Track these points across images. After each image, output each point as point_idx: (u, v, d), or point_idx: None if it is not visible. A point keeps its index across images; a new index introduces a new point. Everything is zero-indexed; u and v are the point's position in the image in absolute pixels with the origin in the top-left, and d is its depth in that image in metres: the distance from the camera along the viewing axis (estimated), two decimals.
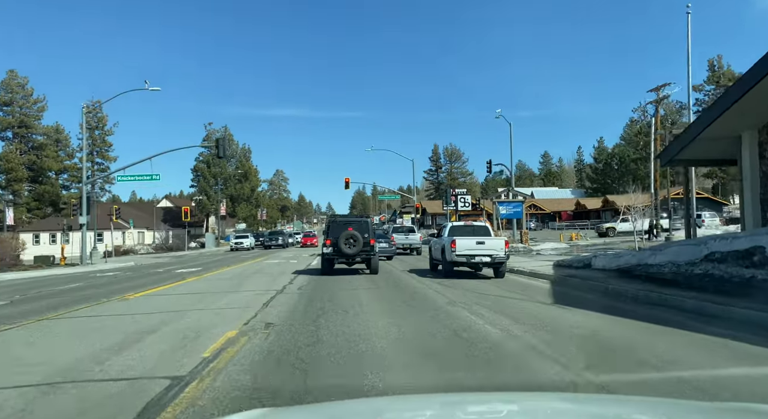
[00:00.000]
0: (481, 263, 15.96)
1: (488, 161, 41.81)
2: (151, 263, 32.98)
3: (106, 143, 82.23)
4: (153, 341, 6.66)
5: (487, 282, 15.01)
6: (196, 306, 10.03)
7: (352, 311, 9.04)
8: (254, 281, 15.66)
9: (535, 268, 18.31)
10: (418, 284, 14.40)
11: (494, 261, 15.76)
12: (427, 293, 11.67)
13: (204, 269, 22.96)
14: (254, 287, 13.73)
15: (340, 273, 17.73)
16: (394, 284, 14.44)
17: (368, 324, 7.65)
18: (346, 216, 19.18)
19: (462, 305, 9.62)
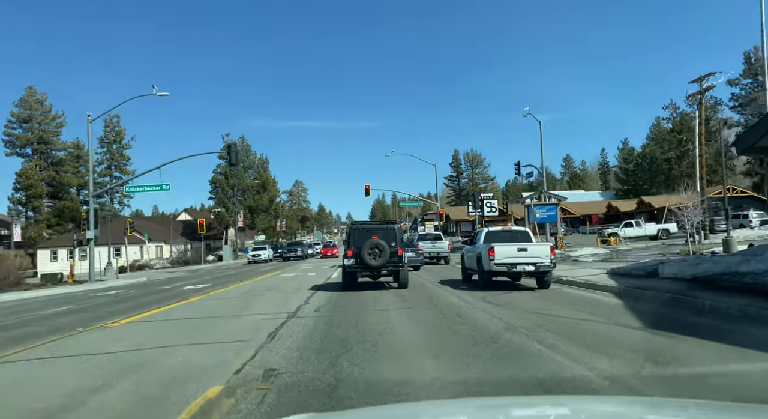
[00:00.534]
0: (524, 273, 14.05)
1: (516, 162, 39.31)
2: (163, 278, 31.27)
3: (124, 157, 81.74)
4: (93, 408, 4.50)
5: (535, 295, 12.67)
6: (184, 339, 7.89)
7: (384, 345, 6.81)
8: (264, 300, 13.52)
9: (587, 277, 15.86)
10: (458, 300, 12.08)
11: (538, 270, 13.86)
12: (475, 315, 9.35)
13: (213, 285, 20.96)
14: (263, 309, 11.57)
15: (363, 288, 15.51)
16: (430, 300, 12.15)
17: (410, 370, 5.41)
18: (369, 223, 16.93)
19: (526, 333, 7.32)
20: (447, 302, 11.78)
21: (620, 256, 28.20)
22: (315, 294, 14.40)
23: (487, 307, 10.44)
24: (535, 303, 11.11)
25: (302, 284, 18.20)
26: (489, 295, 12.83)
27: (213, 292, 17.02)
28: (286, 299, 13.51)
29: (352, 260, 14.99)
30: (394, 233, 15.29)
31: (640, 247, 34.98)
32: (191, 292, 17.66)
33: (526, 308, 10.25)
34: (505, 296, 12.44)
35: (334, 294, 14.21)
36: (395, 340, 7.12)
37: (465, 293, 13.78)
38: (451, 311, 9.90)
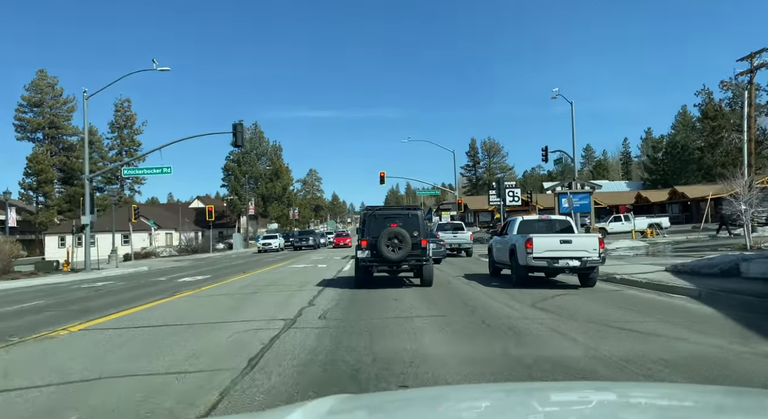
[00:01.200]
0: (567, 269, 12.12)
1: (544, 147, 36.46)
2: (165, 267, 29.29)
3: (135, 143, 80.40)
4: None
5: (590, 298, 10.30)
6: (130, 366, 5.56)
7: (419, 384, 4.40)
8: (262, 300, 11.20)
9: (647, 276, 13.34)
10: (499, 304, 9.65)
11: (584, 265, 11.92)
12: (534, 331, 6.90)
13: (213, 277, 18.77)
14: (255, 313, 9.24)
15: (379, 284, 13.15)
16: (464, 305, 9.72)
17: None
18: (387, 208, 14.35)
19: (636, 369, 4.86)
20: (486, 307, 9.33)
21: (654, 250, 25.51)
22: (323, 292, 12.05)
23: (543, 317, 7.99)
24: (601, 311, 8.65)
25: (310, 279, 15.89)
26: (533, 297, 10.43)
27: (208, 287, 14.79)
28: (287, 298, 11.18)
29: (366, 252, 12.61)
30: (416, 221, 12.84)
31: (680, 240, 32.14)
32: (184, 286, 15.46)
33: (594, 318, 7.79)
34: (557, 301, 9.98)
35: (345, 293, 11.86)
36: (433, 376, 4.71)
37: (501, 292, 11.37)
38: (498, 324, 7.45)
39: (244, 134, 27.21)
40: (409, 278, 14.69)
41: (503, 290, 11.93)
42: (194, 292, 13.35)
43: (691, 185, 57.19)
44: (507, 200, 42.70)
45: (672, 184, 66.82)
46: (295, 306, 9.78)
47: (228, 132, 27.92)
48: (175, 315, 9.22)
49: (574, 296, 10.63)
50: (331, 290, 12.40)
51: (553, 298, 10.38)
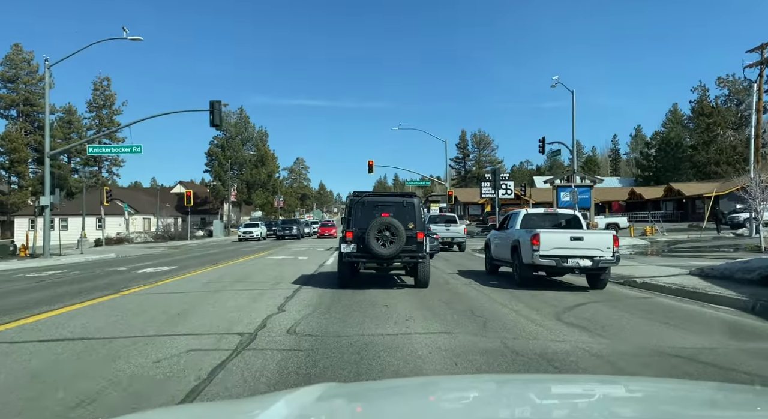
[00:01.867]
0: (577, 269, 10.97)
1: (541, 138, 34.66)
2: (133, 255, 27.09)
3: (114, 123, 77.13)
4: None
5: (616, 307, 8.65)
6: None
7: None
8: (224, 301, 9.19)
9: (671, 280, 11.69)
10: (512, 313, 7.81)
11: (597, 266, 10.80)
12: (572, 356, 5.01)
13: (179, 268, 16.69)
14: (210, 320, 7.24)
15: (366, 284, 11.23)
16: (471, 314, 7.81)
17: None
18: (378, 195, 11.98)
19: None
20: (500, 319, 7.44)
21: (654, 249, 23.95)
22: (298, 293, 10.07)
23: (581, 338, 6.11)
24: (646, 328, 6.83)
25: (286, 274, 13.90)
26: (550, 303, 8.67)
27: (167, 280, 12.73)
28: (254, 300, 9.18)
29: (352, 245, 10.64)
30: (412, 210, 10.88)
31: (681, 239, 30.65)
32: (142, 278, 13.38)
33: (647, 342, 5.96)
34: (584, 312, 8.17)
35: (325, 294, 9.90)
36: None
37: (509, 296, 9.62)
38: (526, 349, 5.53)
39: (222, 113, 24.96)
40: (400, 275, 12.80)
41: (510, 293, 10.17)
42: (147, 287, 11.29)
43: (685, 182, 56.04)
44: (500, 193, 40.98)
45: (665, 181, 65.75)
46: (261, 312, 7.80)
47: (205, 110, 25.67)
48: (102, 322, 7.17)
49: (600, 306, 8.81)
50: (308, 290, 10.43)
51: (578, 307, 8.55)
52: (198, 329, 6.60)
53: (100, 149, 24.69)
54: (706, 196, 45.39)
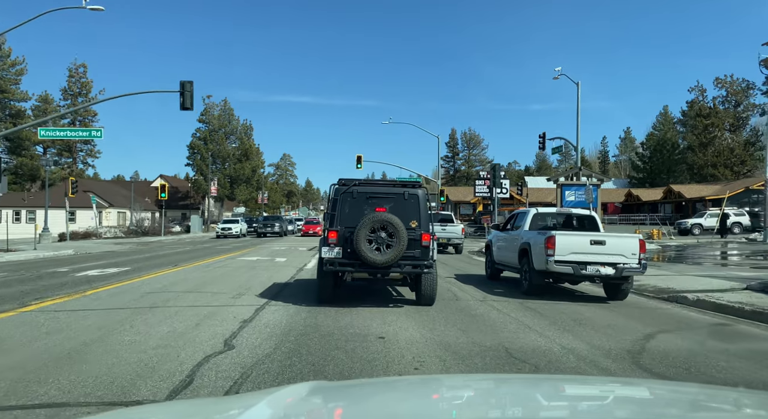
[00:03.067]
0: (597, 277, 9.67)
1: (541, 133, 32.37)
2: (95, 252, 24.31)
3: (90, 112, 73.62)
4: None
5: (703, 343, 6.15)
6: None
7: None
8: (150, 326, 6.56)
9: (728, 296, 9.42)
10: (564, 352, 5.34)
11: (620, 274, 9.52)
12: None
13: (132, 270, 14.00)
14: (104, 371, 4.63)
15: (352, 300, 8.69)
16: (507, 353, 5.30)
17: None
18: (371, 183, 9.13)
19: None
20: (552, 361, 4.96)
21: (690, 255, 21.80)
22: (263, 312, 7.48)
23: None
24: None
25: (255, 281, 11.29)
26: (607, 334, 6.28)
27: (102, 288, 10.04)
28: (197, 325, 6.56)
29: (336, 250, 8.06)
30: (416, 204, 8.33)
31: (692, 243, 28.57)
32: (73, 285, 10.68)
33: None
34: (663, 346, 5.73)
35: (298, 314, 7.34)
36: None
37: (533, 316, 7.10)
38: None
39: (192, 96, 22.21)
40: (395, 283, 10.27)
41: (536, 312, 7.77)
42: (67, 299, 8.61)
43: (684, 184, 54.26)
44: (495, 192, 38.67)
45: (659, 183, 64.03)
46: (197, 350, 5.22)
47: (175, 91, 22.95)
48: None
49: (675, 339, 6.37)
50: (277, 309, 7.83)
51: (649, 342, 6.08)
52: (76, 388, 4.00)
53: (53, 133, 21.87)
54: (708, 198, 43.61)
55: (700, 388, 2.32)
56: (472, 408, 1.67)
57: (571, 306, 8.85)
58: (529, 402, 1.74)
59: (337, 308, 7.83)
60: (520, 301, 9.21)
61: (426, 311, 7.89)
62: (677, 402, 1.79)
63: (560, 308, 8.50)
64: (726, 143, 60.81)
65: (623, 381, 3.08)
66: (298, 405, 1.61)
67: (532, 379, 2.83)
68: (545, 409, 1.68)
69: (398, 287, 10.25)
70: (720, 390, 2.35)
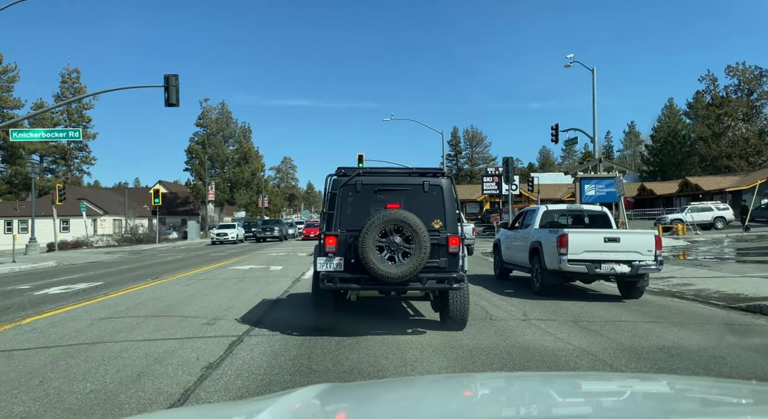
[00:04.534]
0: (613, 276, 9.33)
1: (554, 125, 30.45)
2: (79, 263, 22.60)
3: (84, 118, 72.02)
4: None
5: None
6: None
7: None
8: (68, 381, 4.60)
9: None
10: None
11: (636, 272, 9.17)
12: None
13: (104, 285, 12.09)
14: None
15: (358, 320, 6.74)
16: None
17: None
18: (380, 173, 6.73)
19: None
20: None
21: (691, 249, 19.90)
22: (238, 350, 5.52)
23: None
24: None
25: (241, 298, 9.34)
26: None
27: (42, 315, 8.10)
28: (139, 375, 4.61)
29: (336, 260, 6.11)
30: (440, 198, 6.38)
31: (721, 238, 26.54)
32: (21, 308, 8.79)
33: None
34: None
35: (286, 352, 5.41)
36: None
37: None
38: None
39: (177, 88, 20.35)
40: (413, 305, 8.37)
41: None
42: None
43: (699, 176, 52.12)
44: (504, 189, 36.77)
45: (670, 176, 61.96)
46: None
47: (160, 86, 21.10)
48: None
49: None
50: (259, 342, 5.89)
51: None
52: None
53: (27, 134, 20.02)
54: (729, 190, 41.56)
55: (715, 382, 2.50)
56: (490, 407, 1.65)
57: (577, 305, 8.19)
58: (544, 399, 1.72)
59: (339, 339, 5.90)
60: (569, 321, 7.29)
61: (458, 340, 5.95)
62: (681, 396, 1.79)
63: (562, 303, 8.01)
64: (740, 132, 58.68)
65: (642, 377, 3.04)
66: (305, 410, 1.57)
67: (548, 376, 2.81)
68: (561, 406, 1.64)
69: (414, 301, 8.35)
70: (734, 384, 2.40)
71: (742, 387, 2.05)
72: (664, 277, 12.18)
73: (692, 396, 1.81)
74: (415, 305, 8.37)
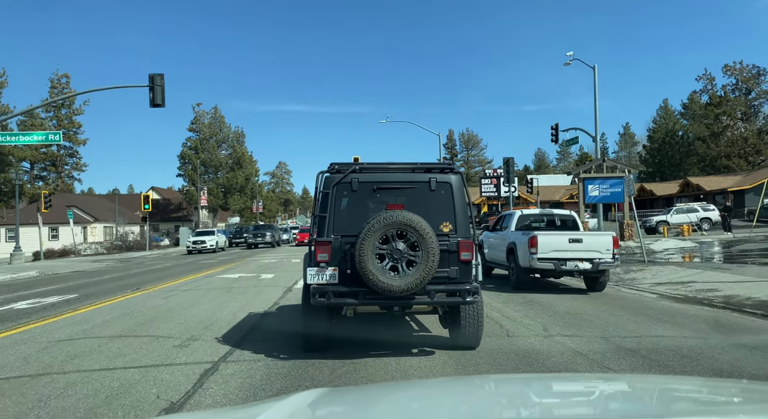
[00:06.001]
0: (576, 272, 10.53)
1: (554, 125, 29.66)
2: (62, 273, 21.65)
3: (74, 124, 70.87)
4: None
5: None
6: None
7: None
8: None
9: None
10: None
11: (596, 268, 10.32)
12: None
13: (79, 297, 11.08)
14: None
15: (356, 341, 5.79)
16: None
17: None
18: (380, 168, 5.68)
19: None
20: None
21: (750, 253, 19.03)
22: (210, 381, 4.55)
23: None
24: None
25: (221, 314, 8.35)
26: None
27: (0, 334, 7.14)
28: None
29: (329, 271, 5.18)
30: (449, 198, 5.45)
31: (729, 239, 25.71)
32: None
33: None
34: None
35: (268, 384, 4.46)
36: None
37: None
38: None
39: (161, 87, 19.40)
40: (417, 319, 7.44)
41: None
42: None
43: (696, 176, 51.46)
44: (503, 191, 36.02)
45: (668, 177, 61.34)
46: None
47: (144, 86, 20.13)
48: None
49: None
50: (237, 371, 4.92)
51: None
52: None
53: (4, 138, 19.01)
54: (731, 190, 40.82)
55: (704, 381, 2.49)
56: (487, 408, 1.66)
57: (539, 297, 8.77)
58: (541, 400, 1.75)
59: (333, 366, 4.95)
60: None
61: (472, 361, 5.01)
62: (672, 396, 1.80)
63: (533, 296, 8.49)
64: (739, 132, 58.16)
65: (635, 378, 3.06)
66: (301, 416, 1.56)
67: (540, 378, 2.83)
68: (556, 407, 1.66)
69: (418, 314, 7.40)
70: (725, 383, 2.45)
71: (733, 386, 2.05)
72: (684, 282, 11.31)
73: (683, 395, 1.81)
74: (419, 319, 7.45)
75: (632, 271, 13.51)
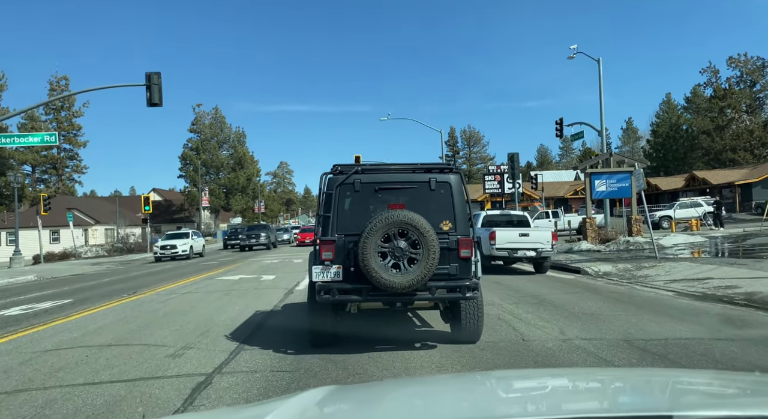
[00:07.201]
0: (525, 258, 13.82)
1: (558, 119, 29.19)
2: (62, 276, 21.47)
3: (74, 126, 70.63)
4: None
5: None
6: None
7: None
8: None
9: None
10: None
11: (539, 256, 13.58)
12: None
13: (75, 302, 10.75)
14: None
15: (360, 337, 5.43)
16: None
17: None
18: (382, 169, 5.55)
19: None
20: None
21: (718, 245, 18.61)
22: (202, 398, 4.18)
23: None
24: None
25: (220, 318, 7.95)
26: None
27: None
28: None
29: (334, 269, 4.99)
30: (448, 197, 5.31)
31: (740, 233, 25.26)
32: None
33: None
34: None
35: (275, 381, 4.05)
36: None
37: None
38: None
39: (159, 86, 19.04)
40: (419, 315, 7.11)
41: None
42: None
43: (702, 170, 50.94)
44: (505, 189, 35.52)
45: (672, 171, 60.79)
46: None
47: (141, 84, 19.76)
48: None
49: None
50: (234, 385, 4.54)
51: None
52: None
53: (0, 140, 18.69)
54: (738, 183, 40.35)
55: (716, 374, 2.44)
56: (495, 404, 1.66)
57: (504, 278, 7.60)
58: (549, 395, 1.73)
59: (337, 375, 4.55)
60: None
61: (476, 356, 4.62)
62: (683, 388, 1.77)
63: None
64: (744, 124, 57.56)
65: (642, 371, 3.07)
66: (310, 414, 1.57)
67: (545, 373, 2.84)
68: (564, 402, 1.65)
69: (420, 310, 7.10)
70: (737, 375, 2.37)
71: (745, 378, 2.02)
72: (700, 279, 10.89)
73: (693, 388, 1.78)
74: (421, 314, 7.15)
75: (644, 267, 13.08)
